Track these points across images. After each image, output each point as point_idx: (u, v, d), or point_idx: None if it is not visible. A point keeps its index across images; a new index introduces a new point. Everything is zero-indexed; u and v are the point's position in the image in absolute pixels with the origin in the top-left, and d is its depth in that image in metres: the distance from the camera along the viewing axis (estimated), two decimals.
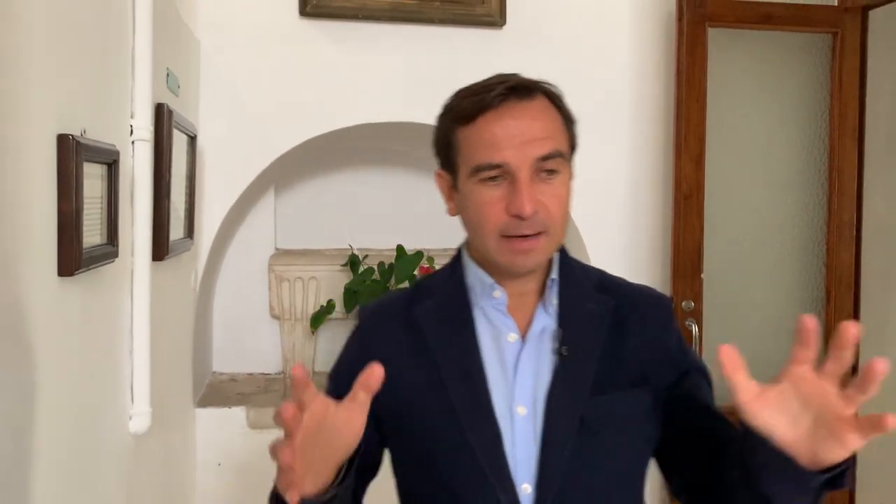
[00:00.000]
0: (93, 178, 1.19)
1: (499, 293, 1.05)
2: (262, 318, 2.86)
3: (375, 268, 2.65)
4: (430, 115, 2.55)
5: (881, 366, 0.73)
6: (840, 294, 2.64)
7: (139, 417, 1.50)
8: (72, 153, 1.06)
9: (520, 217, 0.97)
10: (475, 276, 1.07)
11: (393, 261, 2.66)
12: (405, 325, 1.08)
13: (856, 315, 2.68)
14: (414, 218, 3.16)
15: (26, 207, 0.98)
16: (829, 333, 2.45)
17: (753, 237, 2.65)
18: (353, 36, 2.46)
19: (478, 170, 0.99)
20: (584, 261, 1.18)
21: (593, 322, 1.05)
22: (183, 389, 2.21)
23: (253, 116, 2.41)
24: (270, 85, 2.42)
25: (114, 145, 1.30)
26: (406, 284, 2.62)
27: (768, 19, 2.53)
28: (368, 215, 3.14)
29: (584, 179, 2.55)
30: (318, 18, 2.42)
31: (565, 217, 1.03)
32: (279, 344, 2.87)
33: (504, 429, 1.00)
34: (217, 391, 2.61)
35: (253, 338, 2.87)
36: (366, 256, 2.73)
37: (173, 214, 1.79)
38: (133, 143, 1.47)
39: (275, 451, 0.80)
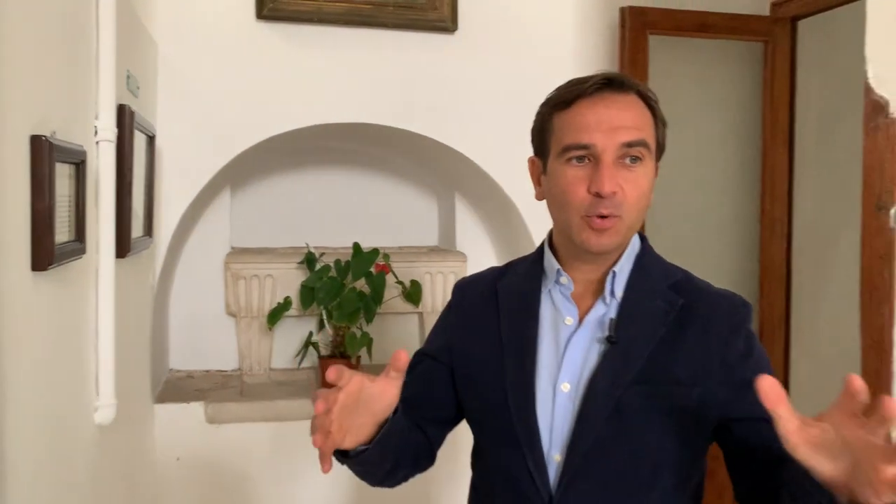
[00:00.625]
0: (62, 178, 1.24)
1: (565, 279, 1.15)
2: (218, 316, 2.90)
3: (332, 265, 2.71)
4: (384, 116, 2.67)
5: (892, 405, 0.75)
6: (773, 288, 2.80)
7: (105, 409, 1.54)
8: (45, 154, 1.11)
9: (599, 195, 1.05)
10: (549, 262, 1.18)
11: (349, 258, 2.72)
12: (489, 296, 1.21)
13: (787, 308, 2.85)
14: (370, 217, 3.24)
15: (2, 206, 1.03)
16: (762, 329, 2.62)
17: (692, 236, 2.80)
18: (308, 38, 2.52)
19: (567, 149, 1.09)
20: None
21: (654, 317, 1.11)
22: (142, 385, 2.25)
23: (210, 117, 2.46)
24: (227, 86, 2.47)
25: (81, 146, 1.35)
26: (362, 282, 2.69)
27: (705, 28, 2.67)
28: (324, 214, 3.20)
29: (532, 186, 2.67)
30: (275, 21, 2.48)
31: (642, 206, 1.11)
32: (235, 341, 2.91)
33: (545, 402, 1.11)
34: (175, 387, 2.65)
35: (209, 335, 2.90)
36: (322, 254, 2.79)
37: (133, 213, 1.83)
38: (97, 143, 1.51)
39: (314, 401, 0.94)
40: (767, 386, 0.82)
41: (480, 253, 3.14)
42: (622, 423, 1.07)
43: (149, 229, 2.13)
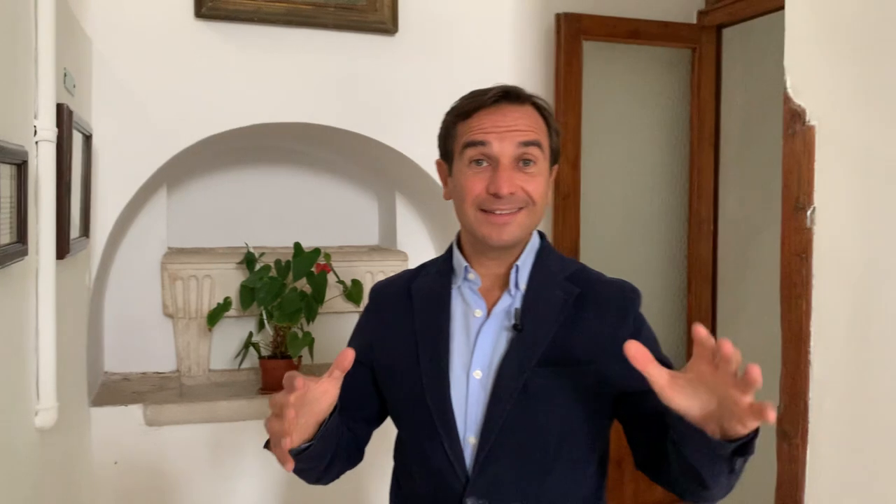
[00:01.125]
0: (4, 179, 1.22)
1: (472, 275, 1.23)
2: (155, 317, 2.85)
3: (272, 266, 2.70)
4: (325, 116, 2.68)
5: (756, 374, 0.86)
6: (700, 283, 2.93)
7: (45, 412, 1.52)
8: None
9: (497, 195, 1.15)
10: (457, 260, 1.26)
11: (290, 259, 2.72)
12: (403, 297, 1.29)
13: (713, 301, 2.99)
14: (311, 216, 3.24)
15: None
16: (690, 317, 2.73)
17: (625, 233, 2.90)
18: (248, 38, 2.51)
19: (465, 146, 1.18)
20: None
21: (554, 306, 1.20)
22: (79, 388, 2.20)
23: (147, 116, 2.42)
24: (165, 84, 2.44)
25: (22, 146, 1.33)
26: (303, 282, 2.69)
27: (636, 35, 2.78)
28: (264, 214, 3.18)
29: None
30: (214, 20, 2.46)
31: (540, 205, 1.20)
32: (173, 342, 2.87)
33: (458, 389, 1.19)
34: (111, 390, 2.60)
35: (145, 337, 2.85)
36: (262, 254, 2.78)
37: (73, 215, 1.80)
38: (37, 143, 1.49)
39: (277, 415, 0.99)
40: (634, 350, 0.93)
41: (421, 251, 3.18)
42: (529, 402, 1.15)
43: (85, 230, 2.10)
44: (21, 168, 1.30)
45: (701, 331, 0.91)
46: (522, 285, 1.22)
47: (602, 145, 2.83)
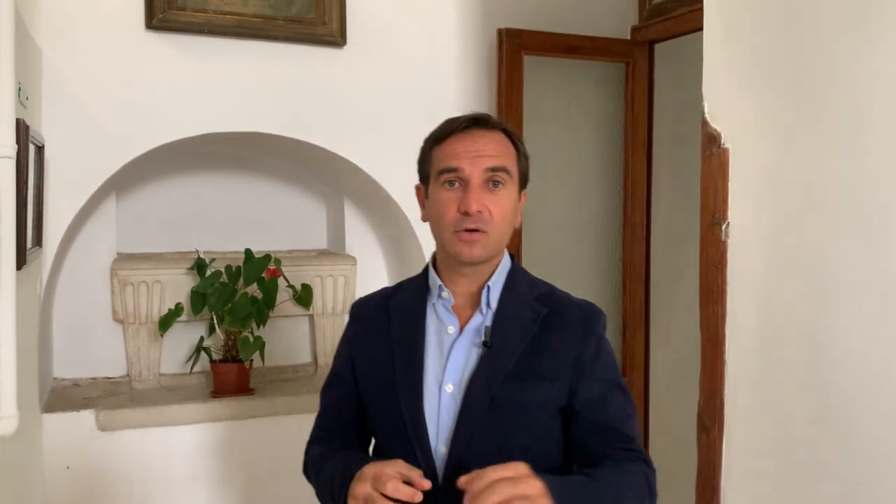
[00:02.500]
0: None
1: (446, 294, 1.32)
2: (105, 323, 2.87)
3: (223, 271, 2.76)
4: (273, 125, 2.75)
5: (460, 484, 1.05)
6: (634, 285, 3.10)
7: (6, 420, 1.57)
8: None
9: (467, 213, 1.24)
10: (432, 279, 1.34)
11: (240, 264, 2.78)
12: (382, 314, 1.37)
13: (646, 301, 3.16)
14: (261, 221, 3.29)
15: None
16: (625, 320, 2.90)
17: (563, 238, 3.05)
18: (199, 49, 2.56)
19: (440, 173, 1.28)
20: (423, 256, 1.43)
21: (523, 325, 1.28)
22: (31, 395, 2.23)
23: (97, 125, 2.45)
24: (115, 94, 2.47)
25: None
26: (254, 286, 2.75)
27: (573, 50, 2.92)
28: (214, 219, 3.21)
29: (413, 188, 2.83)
30: (165, 32, 2.50)
31: (507, 223, 1.30)
32: (122, 347, 2.90)
33: (431, 402, 1.27)
34: (61, 396, 2.62)
35: (95, 342, 2.87)
36: (213, 260, 2.83)
37: (27, 224, 1.84)
38: None
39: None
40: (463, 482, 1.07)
41: (370, 255, 3.27)
42: (496, 415, 1.24)
43: (38, 239, 2.13)
44: None
45: (460, 483, 1.07)
46: (494, 304, 1.30)
47: (542, 154, 2.96)
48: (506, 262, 1.36)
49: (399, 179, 2.86)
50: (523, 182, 1.35)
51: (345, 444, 1.38)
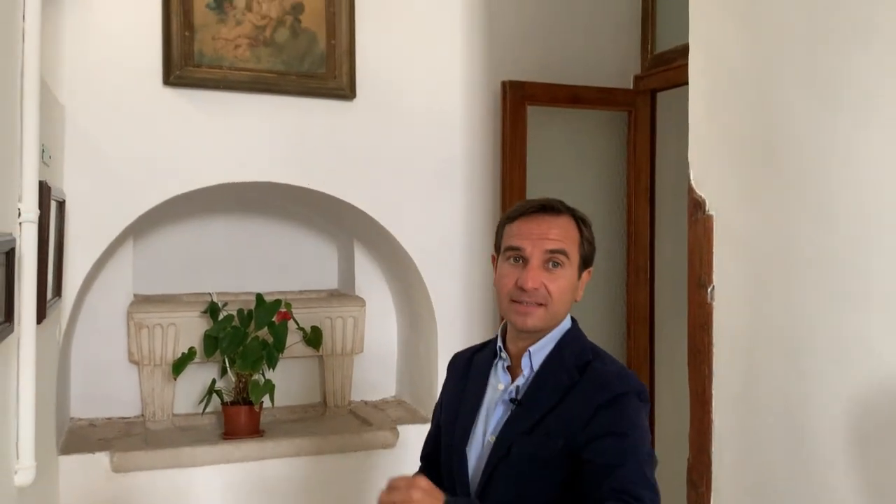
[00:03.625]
0: None
1: (504, 355, 1.50)
2: (121, 364, 2.97)
3: (235, 315, 2.84)
4: (285, 174, 2.85)
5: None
6: (638, 328, 3.15)
7: (25, 471, 1.65)
8: None
9: (523, 289, 1.40)
10: (497, 342, 1.52)
11: (252, 308, 2.87)
12: (466, 366, 1.58)
13: (651, 344, 3.21)
14: (272, 262, 3.38)
15: None
16: (630, 359, 2.94)
17: None
18: (214, 103, 2.67)
19: (507, 249, 1.46)
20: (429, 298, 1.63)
21: (554, 389, 1.40)
22: (48, 440, 2.31)
23: (116, 177, 2.56)
24: (134, 147, 2.59)
25: (11, 234, 1.47)
26: (265, 331, 2.83)
27: (577, 100, 3.01)
28: (227, 260, 3.31)
29: (426, 236, 2.91)
30: (182, 87, 2.62)
31: (563, 300, 1.43)
32: (138, 388, 2.98)
33: (476, 449, 1.45)
34: (78, 437, 2.70)
35: (111, 383, 2.96)
36: (225, 304, 2.92)
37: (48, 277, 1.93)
38: (20, 224, 1.63)
39: None
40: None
41: (379, 297, 3.35)
42: (509, 466, 1.38)
43: (58, 289, 2.23)
44: (10, 255, 1.45)
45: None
46: (536, 366, 1.44)
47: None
48: (560, 329, 1.48)
49: (406, 224, 2.95)
50: (585, 263, 1.48)
51: (429, 465, 1.61)
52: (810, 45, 1.37)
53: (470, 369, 1.55)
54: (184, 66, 2.60)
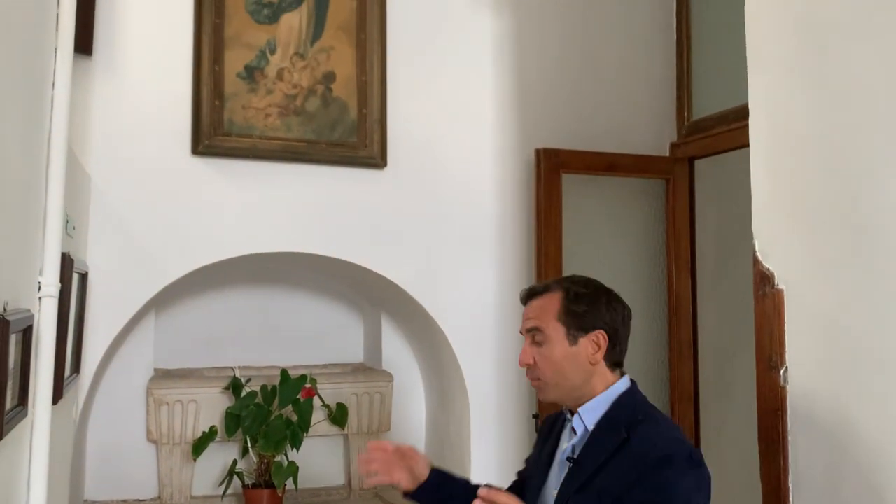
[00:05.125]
0: (11, 347, 1.26)
1: (569, 416, 1.57)
2: (139, 443, 2.84)
3: (258, 392, 2.72)
4: (313, 245, 2.75)
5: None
6: (682, 406, 2.98)
7: None
8: (1, 332, 1.14)
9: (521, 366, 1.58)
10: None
11: (276, 383, 2.74)
12: (550, 427, 1.67)
13: (696, 424, 3.03)
14: (297, 333, 3.27)
15: None
16: None
17: None
18: (242, 173, 2.62)
19: None
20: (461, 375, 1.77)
21: (605, 448, 1.47)
22: None
23: (142, 248, 2.49)
24: (160, 218, 2.52)
25: (29, 310, 1.37)
26: (289, 409, 2.70)
27: (613, 167, 2.92)
28: (251, 331, 3.20)
29: (458, 308, 2.79)
30: (210, 157, 2.57)
31: (557, 370, 1.53)
32: (154, 468, 2.84)
33: (548, 501, 1.53)
34: None
35: (127, 463, 2.83)
36: (248, 380, 2.80)
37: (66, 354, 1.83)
38: (40, 299, 1.54)
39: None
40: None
41: (407, 371, 3.21)
42: None
43: (76, 365, 2.12)
44: (27, 332, 1.35)
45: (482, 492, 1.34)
46: (591, 426, 1.52)
47: (582, 273, 2.90)
48: (615, 389, 1.55)
49: (438, 296, 2.84)
50: (581, 329, 1.53)
51: None
52: (892, 103, 1.26)
53: (552, 430, 1.64)
54: (213, 135, 2.55)
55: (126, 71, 2.49)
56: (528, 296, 1.61)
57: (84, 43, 2.37)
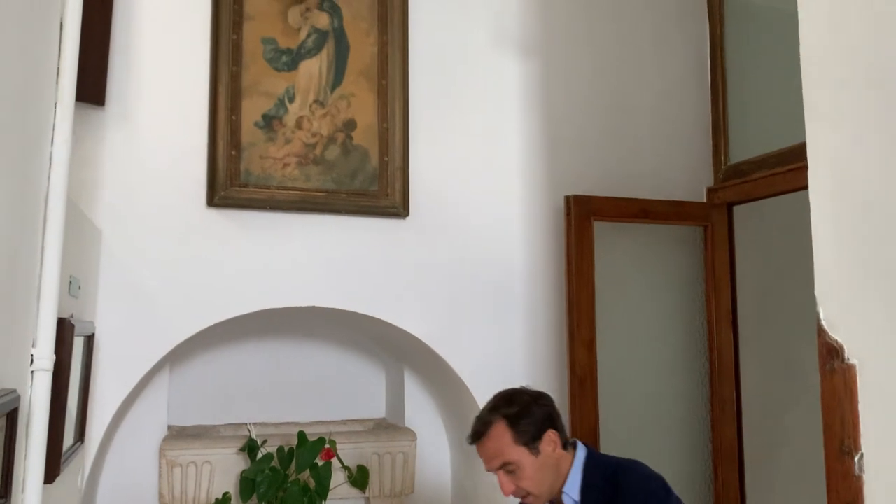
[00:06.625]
0: None
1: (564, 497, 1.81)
2: None
3: (274, 454, 2.57)
4: (333, 298, 2.62)
5: None
6: (726, 468, 2.77)
7: None
8: None
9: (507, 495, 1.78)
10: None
11: (293, 445, 2.60)
12: None
13: (741, 487, 2.82)
14: (316, 387, 3.13)
15: None
16: None
17: (644, 417, 2.78)
18: (260, 224, 2.51)
19: None
20: None
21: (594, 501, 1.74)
22: None
23: (153, 305, 2.37)
24: (173, 273, 2.41)
25: (14, 391, 1.25)
26: (306, 473, 2.55)
27: (646, 214, 2.77)
28: (268, 386, 3.08)
29: (484, 364, 2.63)
30: (226, 208, 2.46)
31: (540, 479, 1.75)
32: None
33: None
34: None
35: None
36: (265, 441, 2.66)
37: (67, 425, 1.71)
38: (32, 373, 1.42)
39: None
40: None
41: (431, 429, 3.05)
42: None
43: (81, 434, 2.00)
44: (11, 416, 1.22)
45: None
46: (577, 497, 1.76)
47: (617, 325, 2.76)
48: (579, 460, 1.80)
49: (463, 351, 2.69)
50: (536, 438, 1.76)
51: None
52: None
53: None
54: (229, 186, 2.45)
55: (140, 121, 2.40)
56: (476, 438, 1.79)
57: (97, 94, 2.30)
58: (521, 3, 2.84)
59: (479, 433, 1.79)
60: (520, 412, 1.77)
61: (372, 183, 2.59)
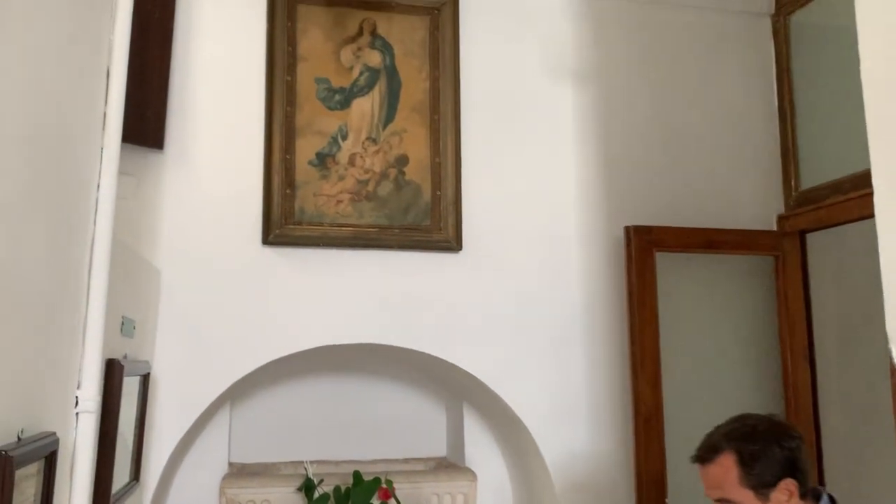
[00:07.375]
0: (26, 480, 1.14)
1: None
2: None
3: (331, 494, 2.54)
4: (388, 336, 2.59)
5: None
6: None
7: None
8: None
9: None
10: None
11: (350, 484, 2.56)
12: None
13: None
14: (376, 425, 3.10)
15: None
16: None
17: None
18: (314, 261, 2.51)
19: None
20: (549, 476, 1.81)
21: None
22: None
23: (211, 344, 2.40)
24: (231, 311, 2.43)
25: (54, 433, 1.26)
26: None
27: (712, 244, 2.65)
28: (328, 422, 3.06)
29: (543, 402, 2.55)
30: (281, 246, 2.48)
31: None
32: None
33: None
34: None
35: None
36: (321, 481, 2.63)
37: (118, 464, 1.72)
38: (77, 414, 1.43)
39: None
40: None
41: (492, 469, 2.96)
42: None
43: (136, 473, 2.01)
44: (49, 459, 1.23)
45: None
46: None
47: (684, 362, 2.63)
48: None
49: (520, 389, 2.62)
50: (768, 485, 1.57)
51: None
52: None
53: None
54: (284, 224, 2.47)
55: (197, 163, 2.46)
56: (700, 461, 1.66)
57: (156, 138, 2.37)
58: (575, 30, 2.79)
59: (702, 458, 1.65)
60: (756, 453, 1.58)
61: (424, 217, 2.57)
